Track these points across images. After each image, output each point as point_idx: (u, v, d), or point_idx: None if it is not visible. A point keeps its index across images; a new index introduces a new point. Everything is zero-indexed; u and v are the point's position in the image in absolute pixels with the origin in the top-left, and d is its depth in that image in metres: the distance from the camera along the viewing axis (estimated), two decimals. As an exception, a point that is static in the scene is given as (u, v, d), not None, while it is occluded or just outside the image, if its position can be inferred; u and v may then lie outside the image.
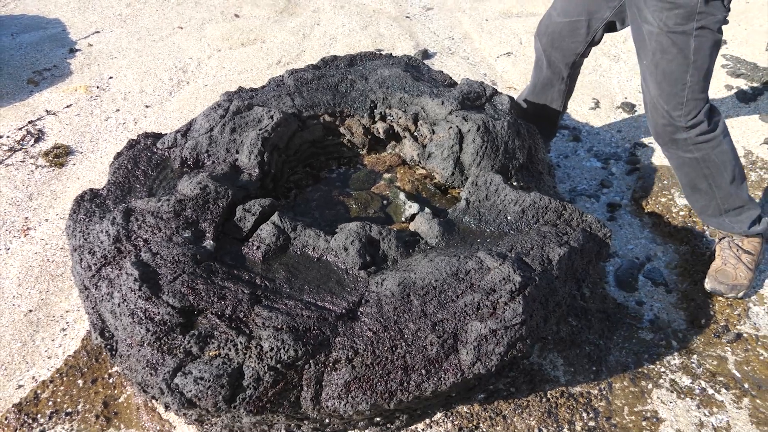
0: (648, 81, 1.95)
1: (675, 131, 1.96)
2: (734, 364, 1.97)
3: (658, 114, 1.95)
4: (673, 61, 1.86)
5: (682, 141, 1.98)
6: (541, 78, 2.49)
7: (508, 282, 1.58)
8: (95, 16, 4.04)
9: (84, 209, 1.85)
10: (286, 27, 3.91)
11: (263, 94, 2.30)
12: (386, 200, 2.08)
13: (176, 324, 1.53)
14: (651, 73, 1.92)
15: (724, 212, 2.13)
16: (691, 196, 2.15)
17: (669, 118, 1.94)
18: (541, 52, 2.41)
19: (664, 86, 1.89)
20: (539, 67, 2.48)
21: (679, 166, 2.07)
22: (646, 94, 2.00)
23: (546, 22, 2.34)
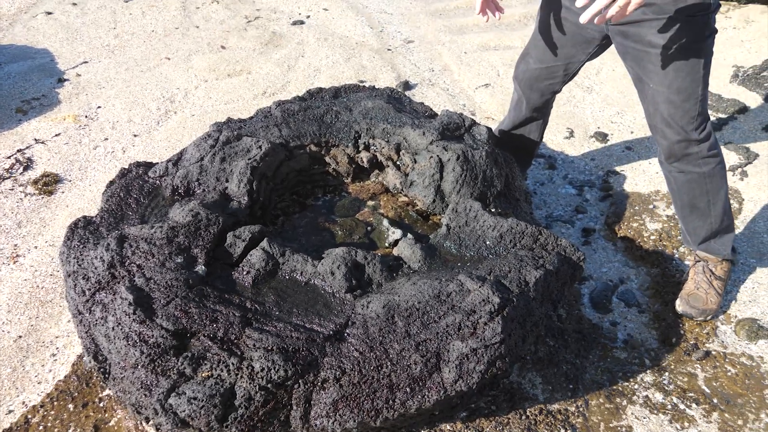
0: (658, 102, 2.00)
1: (689, 146, 2.05)
2: (704, 380, 2.06)
3: (674, 131, 2.02)
4: (687, 77, 1.92)
5: (694, 155, 2.07)
6: (521, 117, 2.60)
7: (488, 303, 1.66)
8: (83, 47, 4.12)
9: (78, 236, 1.91)
10: (271, 59, 4.02)
11: (251, 124, 2.39)
12: (370, 227, 2.16)
13: (170, 346, 1.59)
14: (662, 93, 1.98)
15: (713, 234, 2.24)
16: (688, 216, 2.24)
17: (684, 133, 2.02)
18: (521, 94, 2.52)
19: (678, 103, 1.96)
20: (519, 107, 2.58)
21: (685, 182, 2.15)
22: (655, 116, 2.05)
23: (523, 68, 2.44)
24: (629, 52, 2.03)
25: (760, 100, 3.53)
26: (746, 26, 4.32)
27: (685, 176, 2.13)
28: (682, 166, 2.11)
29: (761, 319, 2.27)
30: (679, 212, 2.28)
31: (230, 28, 4.42)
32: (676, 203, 2.26)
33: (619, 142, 3.30)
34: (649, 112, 2.08)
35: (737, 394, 2.02)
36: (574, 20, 2.15)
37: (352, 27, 4.50)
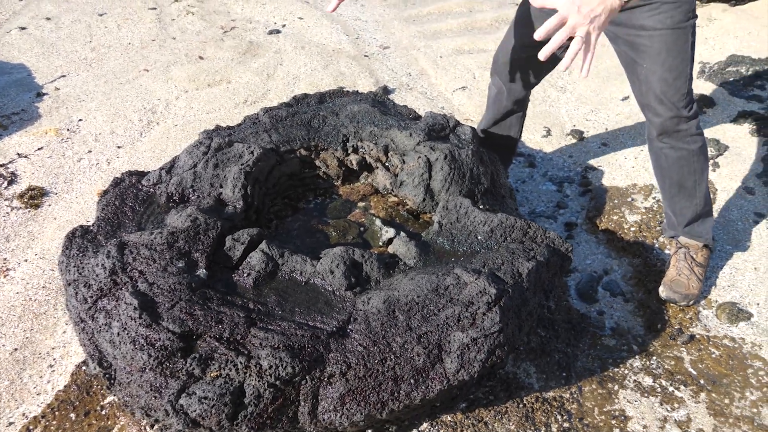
0: (652, 81, 2.10)
1: (680, 122, 2.15)
2: (690, 363, 2.15)
3: (666, 107, 2.13)
4: (678, 56, 2.05)
5: (684, 132, 2.18)
6: (501, 110, 2.67)
7: (485, 294, 1.72)
8: (60, 61, 4.10)
9: (76, 245, 1.93)
10: (250, 68, 4.05)
11: (241, 131, 2.42)
12: (363, 227, 2.21)
13: (177, 348, 1.62)
14: (655, 72, 2.09)
15: (698, 216, 2.35)
16: (675, 196, 2.34)
17: (676, 109, 2.12)
18: (501, 86, 2.59)
19: (670, 81, 2.07)
20: (498, 101, 2.65)
21: (676, 159, 2.25)
22: (648, 95, 2.14)
23: (503, 59, 2.51)
24: (621, 36, 2.15)
25: (727, 95, 3.67)
26: (709, 24, 4.48)
27: (676, 152, 2.24)
28: (674, 142, 2.21)
29: (740, 303, 2.37)
30: (666, 193, 2.37)
31: (207, 38, 4.44)
32: (663, 183, 2.35)
33: (595, 139, 3.40)
34: (641, 92, 2.17)
35: (722, 375, 2.11)
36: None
37: (328, 35, 4.55)
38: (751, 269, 2.52)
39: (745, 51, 4.07)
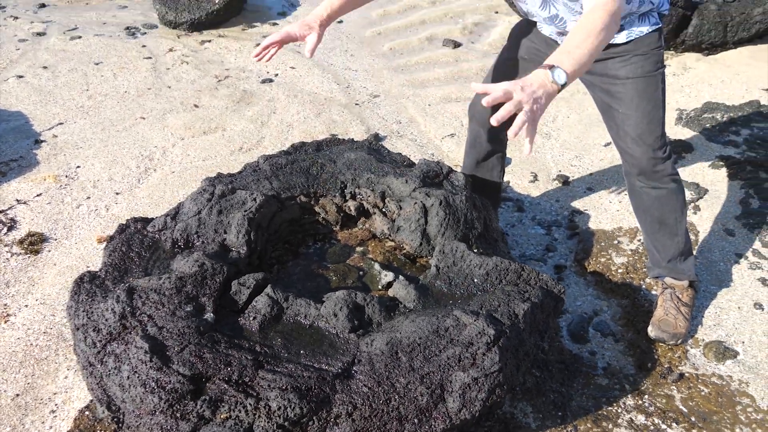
0: (628, 125, 2.25)
1: (656, 163, 2.28)
2: (680, 400, 2.22)
3: (642, 150, 2.27)
4: (650, 101, 2.21)
5: (661, 172, 2.31)
6: (483, 153, 2.78)
7: (484, 335, 1.79)
8: (57, 109, 4.18)
9: (85, 290, 1.98)
10: (244, 116, 4.15)
11: (242, 178, 2.50)
12: (362, 271, 2.28)
13: (187, 391, 1.66)
14: (630, 117, 2.24)
15: (680, 254, 2.46)
16: (657, 233, 2.45)
17: (652, 151, 2.26)
18: (479, 129, 2.71)
19: (644, 125, 2.23)
20: (478, 143, 2.77)
21: (656, 198, 2.37)
22: (626, 138, 2.28)
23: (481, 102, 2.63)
24: (596, 84, 2.32)
25: (704, 140, 3.82)
26: (684, 73, 4.68)
27: (656, 191, 2.36)
28: (653, 183, 2.34)
29: (726, 341, 2.46)
30: (648, 230, 2.49)
31: (201, 87, 4.56)
32: (645, 221, 2.47)
33: (580, 184, 3.52)
34: (618, 135, 2.32)
35: (712, 412, 2.18)
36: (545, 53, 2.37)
37: (320, 84, 4.69)
38: (735, 308, 2.62)
39: (719, 98, 4.26)
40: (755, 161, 3.55)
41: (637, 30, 2.18)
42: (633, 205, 2.51)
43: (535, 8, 2.24)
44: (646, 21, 2.18)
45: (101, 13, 6.04)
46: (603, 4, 1.82)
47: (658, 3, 2.18)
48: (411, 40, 5.52)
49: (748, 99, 4.21)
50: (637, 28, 2.18)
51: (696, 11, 4.68)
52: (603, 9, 1.81)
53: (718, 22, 4.66)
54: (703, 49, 4.82)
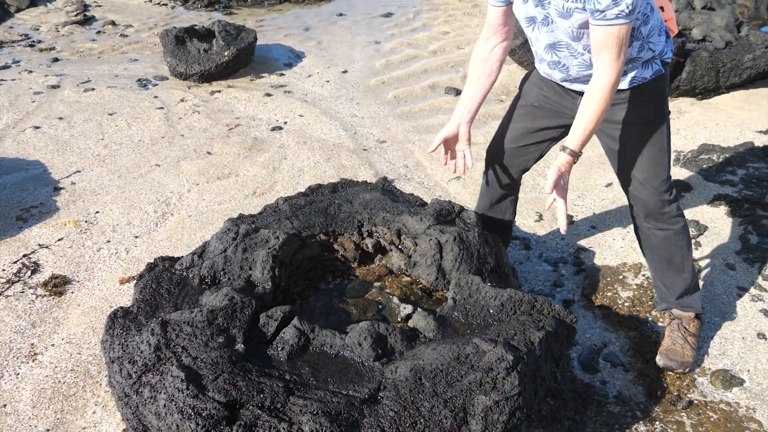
0: (633, 170, 2.39)
1: (663, 205, 2.40)
2: (691, 426, 2.29)
3: (649, 192, 2.39)
4: (655, 146, 2.34)
5: (668, 214, 2.42)
6: (497, 196, 2.90)
7: (503, 361, 1.88)
8: (74, 157, 4.33)
9: (119, 324, 2.07)
10: (256, 162, 4.30)
11: (263, 218, 2.62)
12: (381, 305, 2.37)
13: (222, 417, 1.74)
14: (636, 161, 2.37)
15: (688, 290, 2.55)
16: (665, 271, 2.55)
17: (658, 194, 2.38)
18: (494, 173, 2.84)
19: (650, 168, 2.36)
20: (493, 187, 2.89)
21: (663, 239, 2.47)
22: (633, 182, 2.41)
23: (496, 147, 2.76)
24: (603, 130, 2.43)
25: (702, 180, 3.97)
26: (680, 116, 4.86)
27: (663, 233, 2.47)
28: (659, 224, 2.45)
29: (732, 369, 2.54)
30: (656, 269, 2.58)
31: (213, 135, 4.72)
32: (653, 260, 2.56)
33: (584, 223, 3.64)
34: (625, 179, 2.44)
35: (722, 437, 2.26)
36: (554, 99, 2.51)
37: (328, 130, 4.85)
38: (739, 338, 2.71)
39: (714, 140, 4.43)
40: (752, 199, 3.69)
41: (639, 77, 2.29)
42: (640, 245, 2.62)
43: (541, 52, 2.39)
44: (649, 68, 2.29)
45: (113, 66, 6.25)
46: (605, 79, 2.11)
47: (660, 51, 2.29)
48: (414, 88, 5.72)
49: (742, 140, 4.38)
50: (639, 74, 2.29)
51: (689, 58, 4.89)
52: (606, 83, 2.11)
53: (710, 68, 4.87)
54: (696, 93, 5.02)
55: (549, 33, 2.26)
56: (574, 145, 2.19)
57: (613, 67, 2.09)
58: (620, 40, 2.04)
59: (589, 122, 2.16)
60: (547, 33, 2.27)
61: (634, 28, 2.18)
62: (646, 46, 2.25)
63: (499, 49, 2.46)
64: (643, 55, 2.25)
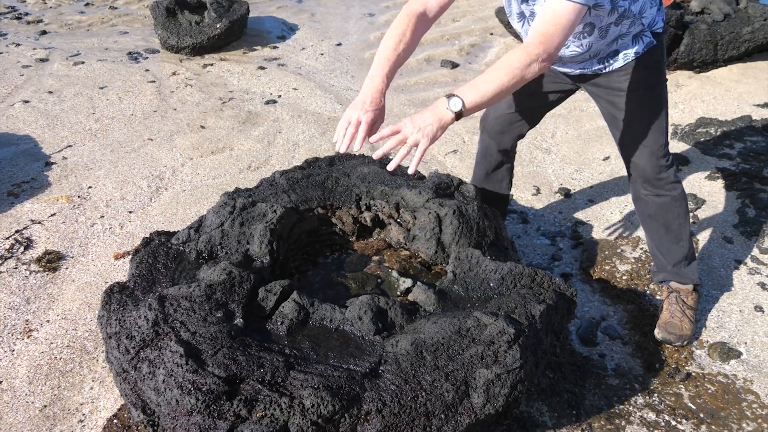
0: (631, 135, 2.37)
1: (660, 171, 2.39)
2: (689, 398, 2.30)
3: (646, 158, 2.38)
4: (653, 111, 2.33)
5: (665, 180, 2.41)
6: (493, 164, 2.88)
7: (504, 334, 1.87)
8: (65, 132, 4.26)
9: (116, 300, 2.05)
10: (250, 136, 4.25)
11: (260, 192, 2.59)
12: (380, 279, 2.35)
13: (223, 392, 1.73)
14: (633, 127, 2.35)
15: (685, 258, 2.55)
16: (663, 238, 2.54)
17: (655, 159, 2.37)
18: (489, 141, 2.81)
19: (649, 134, 2.35)
20: (488, 155, 2.87)
21: (660, 205, 2.47)
22: (630, 147, 2.40)
23: (494, 114, 2.75)
24: (602, 96, 2.42)
25: (700, 153, 3.95)
26: (678, 90, 4.83)
27: (660, 199, 2.47)
28: (656, 190, 2.45)
29: (729, 342, 2.55)
30: (654, 236, 2.58)
31: (207, 109, 4.66)
32: (650, 227, 2.56)
33: (581, 196, 3.63)
34: (623, 144, 2.43)
35: (719, 408, 2.26)
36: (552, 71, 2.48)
37: (322, 104, 4.80)
38: (737, 311, 2.71)
39: (712, 114, 4.40)
40: (750, 173, 3.68)
41: (632, 52, 2.27)
42: (638, 212, 2.61)
43: (518, 27, 2.37)
44: (639, 42, 2.27)
45: (102, 39, 6.15)
46: (526, 46, 1.91)
47: (650, 22, 2.26)
48: (410, 61, 5.63)
49: (739, 114, 4.36)
50: (632, 50, 2.27)
51: (687, 31, 4.85)
52: (525, 50, 1.88)
53: (708, 41, 4.83)
54: (694, 67, 4.98)
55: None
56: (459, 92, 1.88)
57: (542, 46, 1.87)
58: (563, 22, 1.87)
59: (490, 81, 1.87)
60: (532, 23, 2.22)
61: (626, 9, 2.15)
62: (638, 21, 2.23)
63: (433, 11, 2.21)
64: (633, 29, 2.23)
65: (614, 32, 2.19)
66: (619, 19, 2.15)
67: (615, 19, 2.14)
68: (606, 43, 2.22)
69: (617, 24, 2.17)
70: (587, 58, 2.30)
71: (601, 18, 2.12)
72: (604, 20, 2.13)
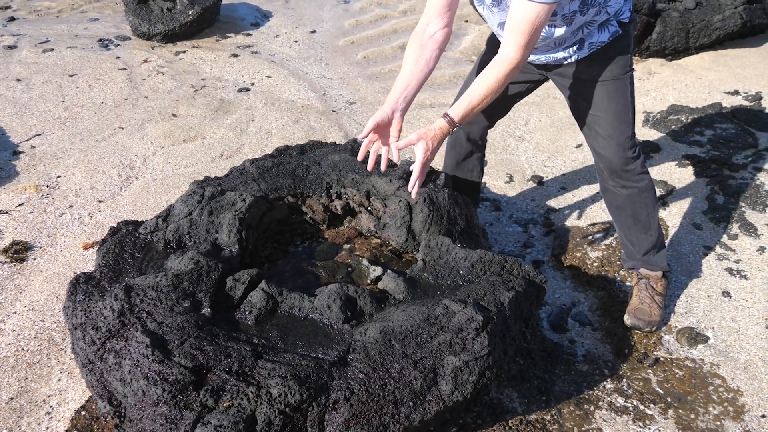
0: (598, 126, 2.38)
1: (627, 163, 2.40)
2: (657, 383, 2.33)
3: (613, 150, 2.38)
4: (619, 102, 2.33)
5: (632, 171, 2.42)
6: (462, 153, 2.87)
7: (473, 321, 1.88)
8: (34, 120, 4.18)
9: (81, 290, 2.02)
10: (223, 124, 4.21)
11: (229, 181, 2.56)
12: (350, 267, 2.35)
13: (189, 382, 1.71)
14: (600, 118, 2.36)
15: (654, 246, 2.57)
16: (632, 228, 2.56)
17: (622, 151, 2.37)
18: (458, 130, 2.80)
19: (615, 125, 2.35)
20: (458, 144, 2.86)
21: (627, 197, 2.48)
22: (597, 138, 2.40)
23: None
24: (568, 86, 2.43)
25: (670, 140, 3.99)
26: (650, 77, 4.87)
27: (627, 191, 2.48)
28: (623, 182, 2.46)
29: (697, 327, 2.58)
30: (622, 226, 2.60)
31: (179, 97, 4.60)
32: (619, 218, 2.58)
33: (554, 184, 3.65)
34: (590, 136, 2.43)
35: (686, 393, 2.30)
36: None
37: (296, 92, 4.76)
38: (705, 297, 2.75)
39: (683, 101, 4.44)
40: (719, 160, 3.72)
41: (597, 41, 2.28)
42: (606, 203, 2.63)
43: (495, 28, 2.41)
44: (605, 30, 2.28)
45: (72, 25, 6.03)
46: (505, 59, 2.08)
47: (616, 11, 2.27)
48: (384, 48, 5.63)
49: (710, 101, 4.40)
50: (597, 39, 2.28)
51: (659, 18, 4.88)
52: (508, 63, 2.08)
53: (680, 28, 4.87)
54: (666, 54, 5.02)
55: (500, 12, 2.25)
56: (455, 115, 2.14)
57: (520, 52, 2.05)
58: (534, 23, 1.99)
59: (477, 97, 2.12)
60: (498, 13, 2.26)
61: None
62: (603, 10, 2.23)
63: (440, 35, 2.30)
64: (598, 18, 2.23)
65: (579, 21, 2.20)
66: (584, 7, 2.16)
67: (579, 6, 2.15)
68: (571, 30, 2.22)
69: (582, 13, 2.17)
70: (552, 45, 2.30)
71: (563, 6, 2.13)
72: (566, 7, 2.14)
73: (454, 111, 2.15)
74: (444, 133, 2.17)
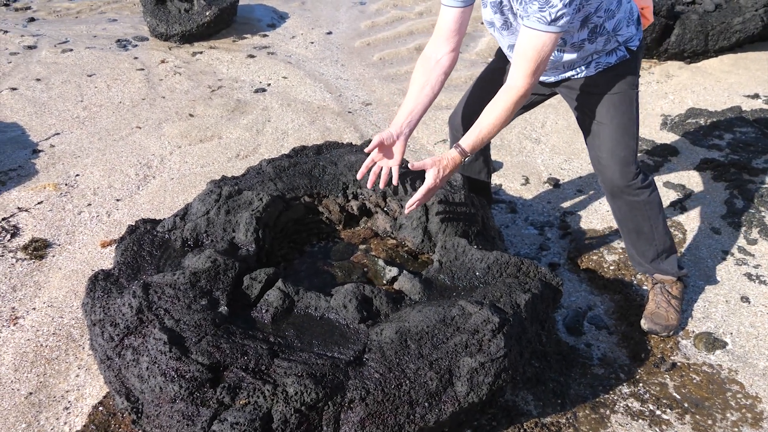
0: (601, 138, 2.38)
1: (629, 179, 2.38)
2: (674, 388, 2.31)
3: (615, 162, 2.37)
4: (624, 115, 2.33)
5: (633, 185, 2.40)
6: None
7: (489, 323, 1.87)
8: (53, 119, 4.23)
9: (100, 287, 2.04)
10: (239, 124, 4.23)
11: (246, 180, 2.57)
12: (366, 268, 2.35)
13: (206, 379, 1.72)
14: (606, 128, 2.36)
15: (660, 254, 2.55)
16: (636, 241, 2.55)
17: (625, 164, 2.36)
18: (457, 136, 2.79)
19: (618, 137, 2.35)
20: None
21: (629, 210, 2.47)
22: (601, 149, 2.39)
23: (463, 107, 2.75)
24: (574, 98, 2.44)
25: (689, 144, 3.96)
26: (668, 80, 4.83)
27: (628, 205, 2.47)
28: (625, 196, 2.45)
29: (715, 332, 2.56)
30: (627, 238, 2.61)
31: (195, 97, 4.63)
32: (624, 230, 2.59)
33: (570, 186, 3.63)
34: (594, 147, 2.43)
35: (704, 398, 2.28)
36: None
37: (312, 93, 4.78)
38: (723, 302, 2.72)
39: (702, 104, 4.41)
40: (738, 164, 3.69)
41: (604, 62, 2.32)
42: (612, 214, 2.63)
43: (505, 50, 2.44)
44: (614, 55, 2.32)
45: (91, 26, 6.09)
46: (512, 88, 2.11)
47: (626, 40, 2.30)
48: (400, 50, 5.64)
49: (729, 105, 4.36)
50: (604, 60, 2.32)
51: (678, 21, 4.84)
52: (515, 92, 2.11)
53: (699, 31, 4.83)
54: (685, 57, 4.98)
55: (510, 36, 2.29)
56: (466, 146, 2.18)
57: (527, 80, 2.09)
58: (541, 52, 2.04)
59: (487, 126, 2.16)
60: (508, 36, 2.30)
61: (598, 25, 2.19)
62: (613, 39, 2.26)
63: (446, 59, 2.31)
64: (608, 47, 2.28)
65: (589, 49, 2.26)
66: (592, 36, 2.19)
67: (587, 35, 2.17)
68: (581, 57, 2.29)
69: (591, 41, 2.21)
70: (561, 68, 2.37)
71: (572, 34, 2.18)
72: (575, 36, 2.18)
73: (465, 142, 2.19)
74: (456, 164, 2.19)
